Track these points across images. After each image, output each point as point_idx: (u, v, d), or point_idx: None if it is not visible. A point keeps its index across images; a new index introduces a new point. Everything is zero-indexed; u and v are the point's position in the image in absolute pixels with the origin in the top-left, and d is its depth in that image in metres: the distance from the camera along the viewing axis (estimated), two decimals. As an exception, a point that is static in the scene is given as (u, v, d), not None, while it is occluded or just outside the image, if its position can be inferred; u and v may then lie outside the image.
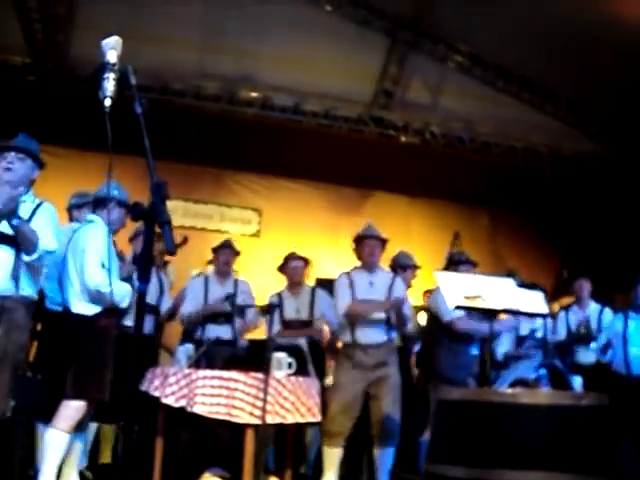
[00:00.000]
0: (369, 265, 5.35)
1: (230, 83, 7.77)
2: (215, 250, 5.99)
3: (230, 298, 5.64)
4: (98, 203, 4.65)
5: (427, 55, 8.31)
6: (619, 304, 6.57)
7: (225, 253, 5.94)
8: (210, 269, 6.19)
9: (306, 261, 6.26)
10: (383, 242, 5.41)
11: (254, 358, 4.91)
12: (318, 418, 4.88)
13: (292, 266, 6.14)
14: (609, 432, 2.62)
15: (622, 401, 4.56)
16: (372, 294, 5.25)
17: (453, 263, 5.81)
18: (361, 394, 5.13)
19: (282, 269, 6.18)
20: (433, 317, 5.46)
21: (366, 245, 5.34)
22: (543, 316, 4.70)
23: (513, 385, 4.23)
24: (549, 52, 7.53)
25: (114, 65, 2.08)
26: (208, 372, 4.65)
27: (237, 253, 6.03)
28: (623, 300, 6.51)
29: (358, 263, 5.41)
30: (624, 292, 6.42)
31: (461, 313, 5.20)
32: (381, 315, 5.20)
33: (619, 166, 8.93)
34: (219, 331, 5.60)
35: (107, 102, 2.06)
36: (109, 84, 2.06)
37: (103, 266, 4.28)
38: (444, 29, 8.11)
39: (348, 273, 5.39)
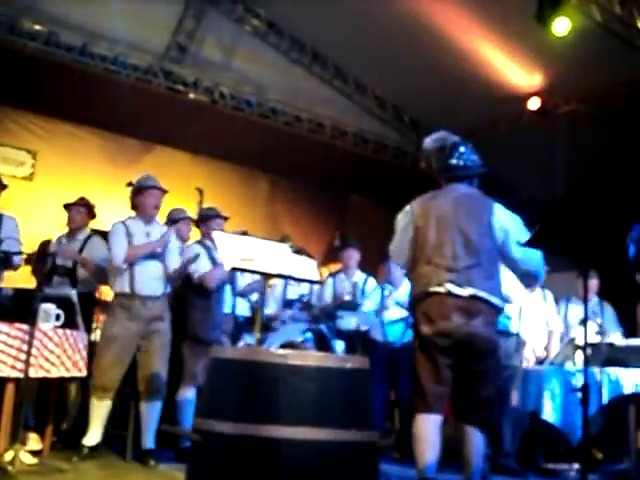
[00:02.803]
0: (149, 216, 5.25)
1: (12, 10, 7.17)
2: None
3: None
4: None
5: (224, 14, 8.26)
6: (380, 276, 7.03)
7: None
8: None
9: (89, 208, 6.08)
10: (164, 194, 5.30)
11: (19, 308, 4.68)
12: (84, 373, 4.78)
13: (73, 212, 5.96)
14: (367, 392, 2.87)
15: (377, 364, 4.94)
16: None
17: (203, 219, 5.72)
18: (135, 347, 5.07)
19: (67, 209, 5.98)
20: (186, 276, 5.39)
21: (151, 195, 5.20)
22: (314, 282, 4.92)
23: (282, 347, 4.42)
24: (344, 33, 7.80)
25: None
26: (-33, 321, 4.37)
27: (3, 186, 5.65)
28: (383, 272, 6.97)
29: (133, 214, 5.28)
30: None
31: (208, 268, 5.30)
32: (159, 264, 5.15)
33: (397, 147, 9.55)
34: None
35: None
36: None
37: None
38: (244, -10, 8.13)
39: (124, 222, 5.25)
